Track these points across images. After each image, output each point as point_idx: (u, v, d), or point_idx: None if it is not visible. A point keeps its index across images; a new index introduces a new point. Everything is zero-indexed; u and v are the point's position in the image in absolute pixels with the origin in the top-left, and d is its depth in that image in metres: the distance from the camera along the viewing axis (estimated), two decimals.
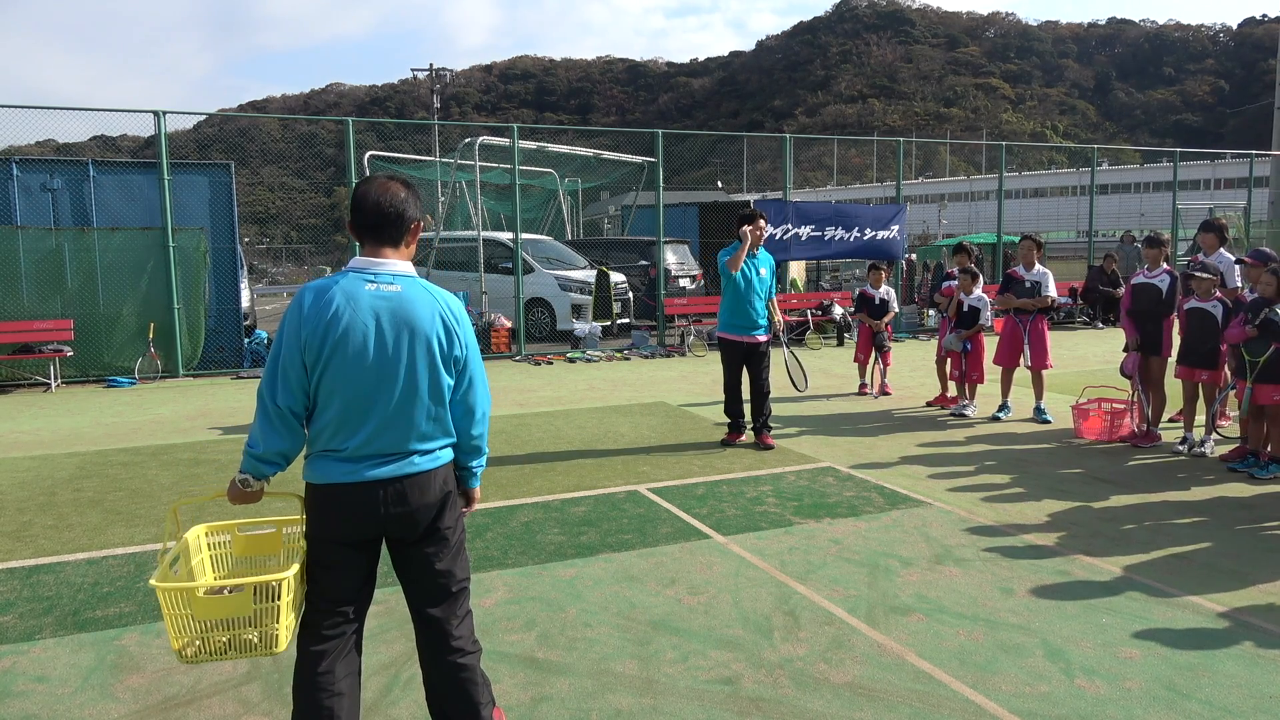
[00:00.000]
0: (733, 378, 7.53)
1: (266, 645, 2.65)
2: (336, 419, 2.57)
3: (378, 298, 2.57)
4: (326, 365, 2.54)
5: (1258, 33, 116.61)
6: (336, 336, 2.52)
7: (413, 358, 2.59)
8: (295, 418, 2.58)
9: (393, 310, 2.58)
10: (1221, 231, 7.77)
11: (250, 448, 2.59)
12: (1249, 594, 4.24)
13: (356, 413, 2.57)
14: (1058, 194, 53.03)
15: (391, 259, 2.66)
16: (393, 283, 2.61)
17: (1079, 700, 3.26)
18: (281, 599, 2.60)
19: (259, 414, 2.58)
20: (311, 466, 2.63)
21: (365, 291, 2.57)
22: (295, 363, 2.54)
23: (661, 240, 15.12)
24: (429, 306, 2.64)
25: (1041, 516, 5.48)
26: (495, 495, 6.00)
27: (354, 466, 2.58)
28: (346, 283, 2.59)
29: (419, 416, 2.63)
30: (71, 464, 7.04)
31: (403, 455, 2.62)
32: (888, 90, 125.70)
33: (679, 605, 4.14)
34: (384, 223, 2.64)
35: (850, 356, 11.21)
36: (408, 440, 2.62)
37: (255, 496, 2.70)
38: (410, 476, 2.62)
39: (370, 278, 2.60)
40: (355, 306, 2.55)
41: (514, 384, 11.12)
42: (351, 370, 2.54)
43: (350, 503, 2.59)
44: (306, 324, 2.53)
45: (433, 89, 40.70)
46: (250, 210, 48.34)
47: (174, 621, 2.63)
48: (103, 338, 11.40)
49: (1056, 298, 8.37)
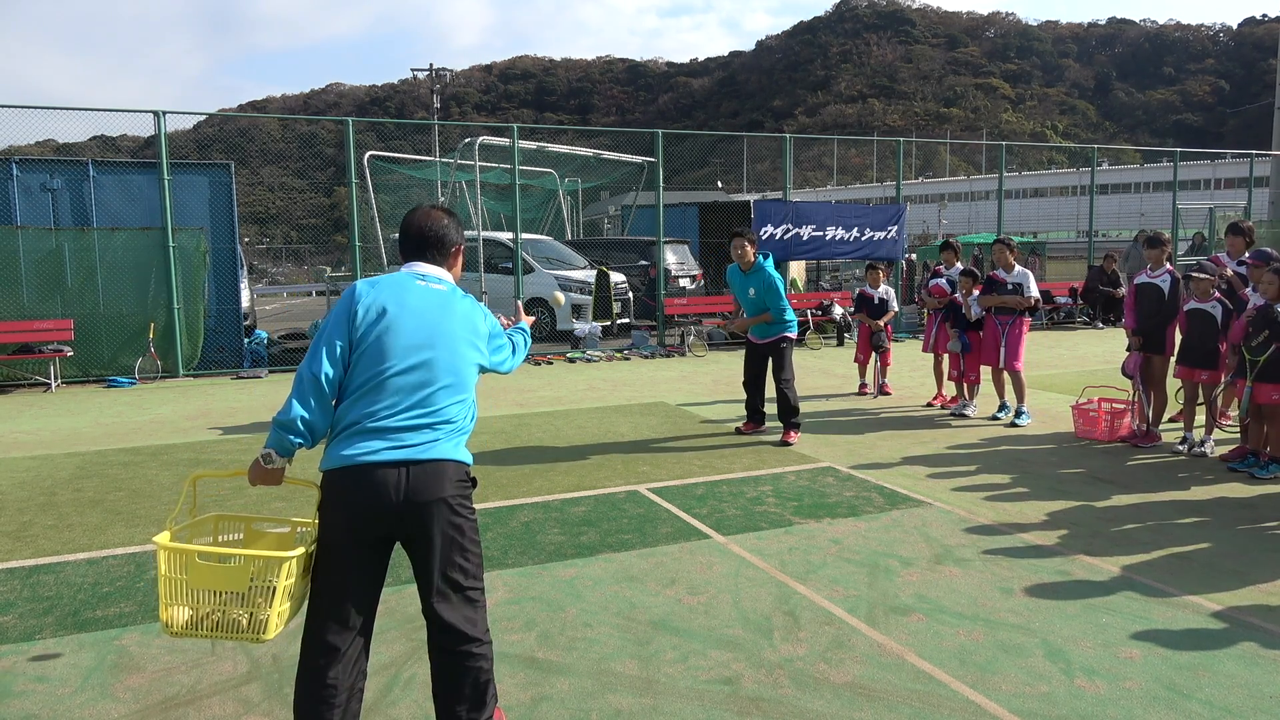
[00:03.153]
0: (745, 372, 7.96)
1: (254, 630, 2.64)
2: (367, 392, 2.67)
3: (426, 292, 2.84)
4: (370, 342, 2.69)
5: (1258, 33, 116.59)
6: (383, 315, 2.72)
7: (452, 342, 2.79)
8: (329, 385, 2.67)
9: (437, 303, 2.82)
10: (1248, 235, 7.78)
11: (277, 417, 2.68)
12: (1249, 594, 4.24)
13: (388, 387, 2.68)
14: (1058, 194, 53.06)
15: (438, 270, 2.95)
16: (440, 283, 2.90)
17: (1079, 700, 3.26)
18: (280, 580, 2.59)
19: (293, 387, 2.70)
20: (330, 452, 2.68)
21: (416, 285, 2.84)
22: (341, 335, 2.71)
23: (661, 240, 15.12)
24: (471, 304, 2.94)
25: (1041, 516, 5.48)
26: (495, 495, 6.00)
27: (372, 445, 2.62)
28: (398, 276, 2.87)
29: (447, 398, 2.75)
30: (71, 464, 7.04)
31: (423, 440, 2.67)
32: (888, 90, 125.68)
33: (679, 605, 4.14)
34: (426, 245, 2.94)
35: (850, 356, 11.21)
36: (431, 422, 2.70)
37: (276, 477, 2.74)
38: (428, 463, 2.66)
39: (420, 277, 2.88)
40: (404, 292, 2.79)
41: (514, 384, 11.12)
42: (391, 347, 2.69)
43: (364, 485, 2.60)
44: (359, 301, 2.74)
45: (433, 89, 40.71)
46: (250, 210, 48.32)
47: (168, 586, 2.63)
48: (103, 338, 11.40)
49: (1038, 297, 8.36)
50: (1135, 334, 7.50)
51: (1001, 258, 8.50)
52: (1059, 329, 17.37)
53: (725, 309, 15.44)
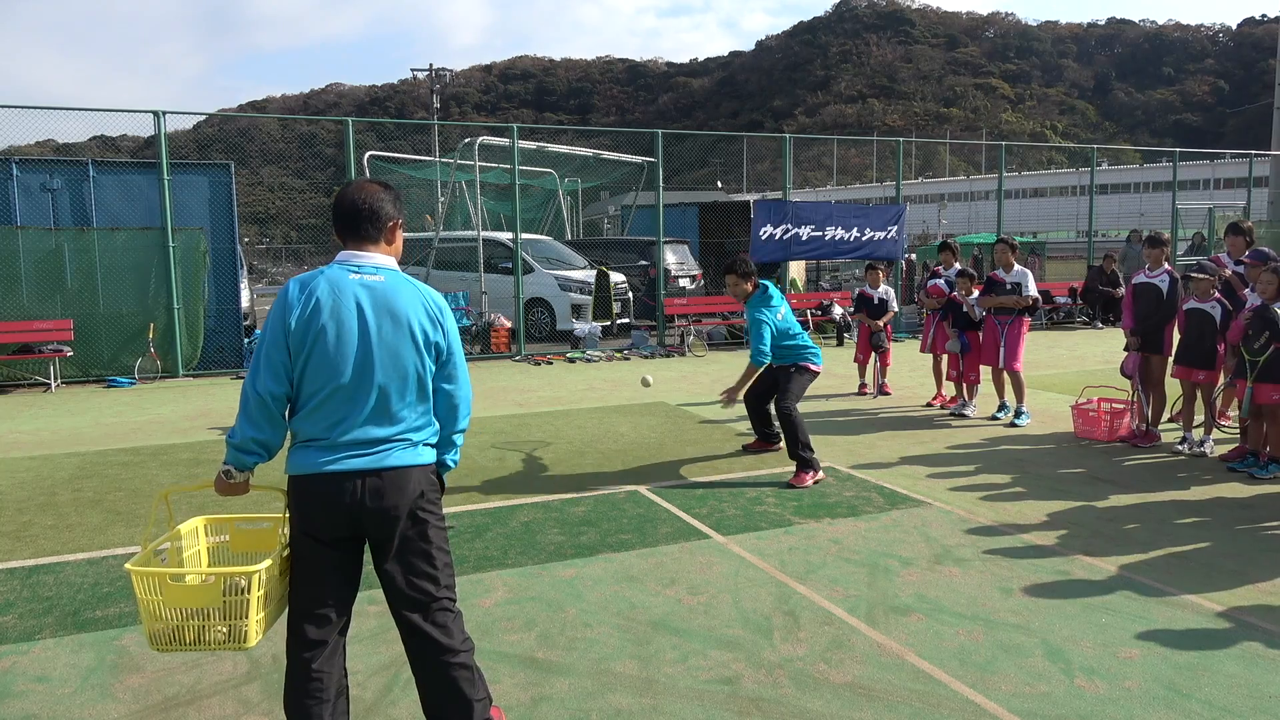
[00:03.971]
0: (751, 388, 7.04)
1: (235, 639, 2.66)
2: (318, 406, 2.59)
3: (361, 286, 2.64)
4: (310, 352, 2.57)
5: (1257, 33, 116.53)
6: (320, 323, 2.57)
7: (396, 344, 2.64)
8: (275, 403, 2.60)
9: (376, 298, 2.64)
10: (1248, 235, 7.80)
11: (229, 438, 2.63)
12: (1249, 594, 4.24)
13: (338, 400, 2.59)
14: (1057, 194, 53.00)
15: (374, 253, 2.73)
16: (376, 273, 2.69)
17: (1079, 700, 3.26)
18: (251, 593, 2.60)
19: (240, 406, 2.63)
20: (291, 458, 2.65)
21: (349, 280, 2.64)
22: (280, 349, 2.58)
23: (661, 240, 15.11)
24: (412, 295, 2.71)
25: (1041, 516, 5.48)
26: (495, 495, 6.00)
27: (332, 456, 2.58)
28: (331, 273, 2.66)
29: (401, 405, 2.66)
30: (71, 464, 7.04)
31: (382, 447, 2.63)
32: (887, 90, 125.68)
33: (679, 605, 4.14)
34: (360, 219, 2.71)
35: (850, 356, 11.21)
36: (388, 430, 2.64)
37: (241, 488, 2.72)
38: (387, 470, 2.62)
39: (354, 268, 2.68)
40: (339, 294, 2.61)
41: (514, 384, 11.12)
42: (334, 357, 2.58)
43: (325, 494, 2.58)
44: (291, 311, 2.58)
45: (432, 89, 40.69)
46: (250, 210, 48.30)
47: (146, 607, 2.64)
48: (102, 338, 11.39)
49: (1037, 296, 8.36)
50: (1133, 334, 7.50)
51: (1003, 258, 8.50)
52: (1058, 329, 17.37)
53: (725, 309, 15.45)
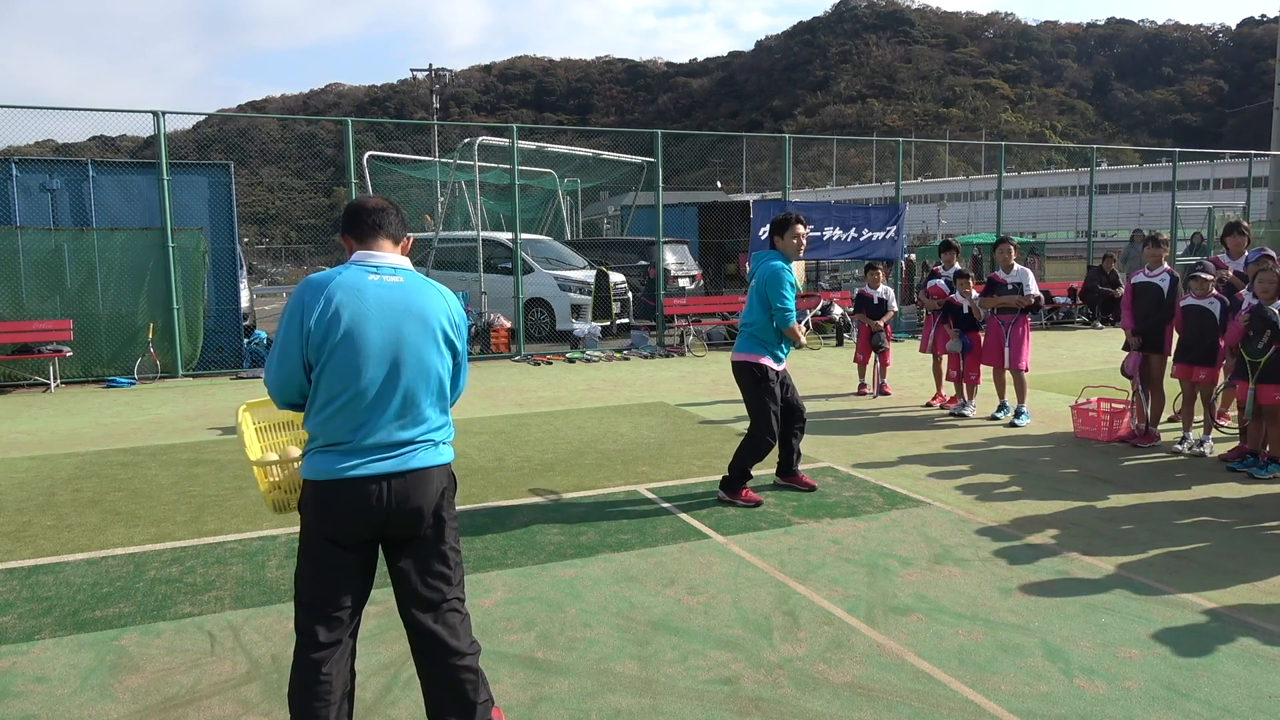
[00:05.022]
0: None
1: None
2: (339, 410, 2.56)
3: (381, 288, 2.61)
4: (330, 357, 2.54)
5: (1257, 33, 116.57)
6: (341, 328, 2.53)
7: (421, 346, 2.63)
8: (299, 395, 2.65)
9: (398, 300, 2.62)
10: (1247, 235, 7.83)
11: None
12: (1248, 593, 4.24)
13: (360, 403, 2.56)
14: (1057, 194, 53.04)
15: (390, 253, 2.72)
16: (395, 274, 2.66)
17: (1079, 700, 3.26)
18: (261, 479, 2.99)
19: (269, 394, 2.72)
20: (311, 462, 2.61)
21: (369, 282, 2.61)
22: (295, 348, 2.55)
23: (661, 240, 15.12)
24: (435, 297, 2.70)
25: (1041, 516, 5.47)
26: (495, 495, 6.00)
27: (355, 460, 2.56)
28: (349, 275, 2.61)
29: (425, 406, 2.66)
30: (71, 464, 7.04)
31: (407, 449, 2.62)
32: (887, 90, 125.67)
33: (679, 605, 4.14)
34: (384, 214, 2.73)
35: (849, 356, 11.21)
36: (412, 431, 2.63)
37: None
38: (412, 472, 2.62)
39: (372, 269, 2.65)
40: (360, 298, 2.57)
41: (514, 384, 11.11)
42: (357, 360, 2.55)
43: (350, 501, 2.56)
44: (310, 312, 2.53)
45: (432, 89, 40.70)
46: (250, 210, 48.34)
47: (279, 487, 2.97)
48: (102, 338, 11.39)
49: (1039, 295, 8.36)
50: (1134, 334, 7.50)
51: (1004, 257, 8.50)
52: (1058, 329, 17.37)
53: (725, 308, 15.45)
